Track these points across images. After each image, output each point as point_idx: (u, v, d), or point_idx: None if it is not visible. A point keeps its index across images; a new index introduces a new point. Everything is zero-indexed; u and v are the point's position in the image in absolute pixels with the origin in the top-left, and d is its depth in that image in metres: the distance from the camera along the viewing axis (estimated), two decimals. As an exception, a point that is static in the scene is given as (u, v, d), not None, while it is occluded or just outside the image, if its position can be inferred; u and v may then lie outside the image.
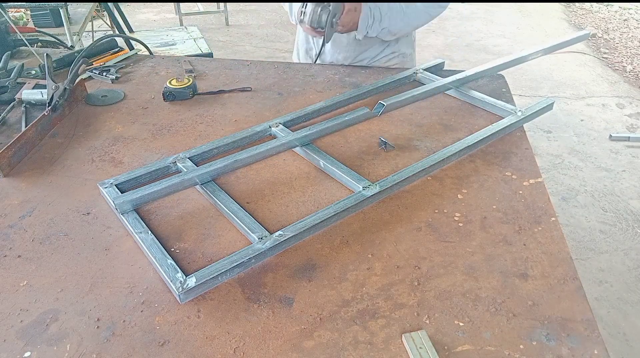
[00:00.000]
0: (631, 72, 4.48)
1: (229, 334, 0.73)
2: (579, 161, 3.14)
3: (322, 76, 1.53)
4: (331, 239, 0.90)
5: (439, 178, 1.06)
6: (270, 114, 1.32)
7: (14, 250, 0.88)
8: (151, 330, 0.73)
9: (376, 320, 0.75)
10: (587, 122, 3.61)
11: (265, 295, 0.79)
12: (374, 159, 1.13)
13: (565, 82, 4.24)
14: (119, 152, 1.17)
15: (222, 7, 5.67)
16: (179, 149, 1.16)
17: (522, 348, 0.70)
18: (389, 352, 0.70)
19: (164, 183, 0.99)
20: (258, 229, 0.88)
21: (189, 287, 0.76)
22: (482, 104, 1.34)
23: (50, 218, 0.96)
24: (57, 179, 1.07)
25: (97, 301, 0.78)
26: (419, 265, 0.85)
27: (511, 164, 1.11)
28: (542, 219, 0.94)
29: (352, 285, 0.81)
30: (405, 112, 1.33)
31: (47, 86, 1.27)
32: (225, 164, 1.05)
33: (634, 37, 5.30)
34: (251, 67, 1.61)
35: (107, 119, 1.31)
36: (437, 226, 0.93)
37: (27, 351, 0.70)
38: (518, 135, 1.22)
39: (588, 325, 0.74)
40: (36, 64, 1.59)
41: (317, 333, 0.73)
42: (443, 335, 0.73)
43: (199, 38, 3.32)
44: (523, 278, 0.82)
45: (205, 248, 0.89)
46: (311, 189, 1.04)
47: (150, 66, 1.63)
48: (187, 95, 1.39)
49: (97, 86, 1.48)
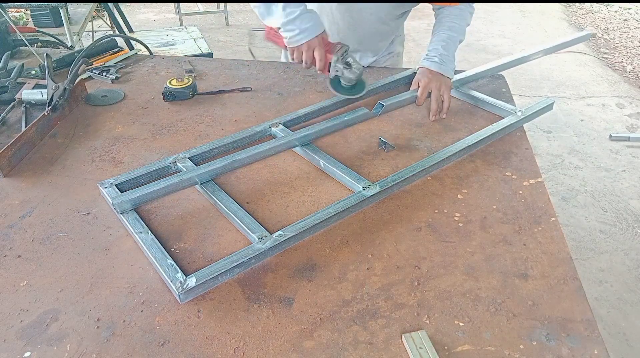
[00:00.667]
0: (631, 72, 4.48)
1: (229, 334, 0.73)
2: (579, 161, 3.14)
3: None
4: (331, 239, 0.90)
5: (439, 178, 1.06)
6: (270, 114, 1.32)
7: (14, 250, 0.88)
8: (151, 330, 0.73)
9: (376, 320, 0.75)
10: (587, 122, 3.61)
11: (265, 295, 0.79)
12: (374, 159, 1.13)
13: (565, 82, 4.24)
14: (119, 152, 1.17)
15: (222, 7, 5.67)
16: (179, 149, 1.16)
17: (522, 348, 0.70)
18: (389, 352, 0.70)
19: (162, 182, 0.99)
20: (258, 229, 0.88)
21: (189, 287, 0.76)
22: (482, 104, 1.34)
23: (50, 218, 0.96)
24: (57, 179, 1.07)
25: (97, 301, 0.78)
26: (419, 265, 0.85)
27: (511, 164, 1.11)
28: (542, 220, 0.94)
29: (352, 285, 0.81)
30: (405, 112, 1.33)
31: (47, 86, 1.27)
32: (224, 164, 1.05)
33: (634, 37, 5.30)
34: (251, 67, 1.61)
35: (107, 119, 1.31)
36: (437, 226, 0.93)
37: (27, 351, 0.70)
38: (518, 135, 1.22)
39: (588, 325, 0.74)
40: (36, 64, 1.59)
41: (317, 333, 0.73)
42: (443, 335, 0.73)
43: (199, 38, 3.32)
44: (523, 278, 0.82)
45: (205, 248, 0.88)
46: (311, 189, 1.04)
47: (150, 66, 1.63)
48: (187, 95, 1.39)
49: (97, 86, 1.48)
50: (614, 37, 5.35)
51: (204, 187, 1.01)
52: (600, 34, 5.42)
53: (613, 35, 5.40)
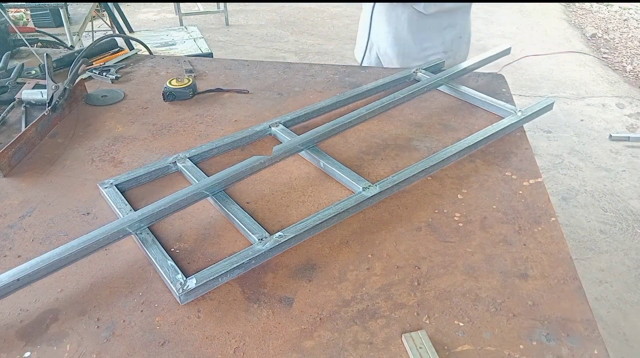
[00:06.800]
0: (631, 72, 4.48)
1: (229, 334, 0.73)
2: (579, 161, 3.14)
3: (322, 76, 1.53)
4: (331, 239, 0.90)
5: (439, 178, 1.06)
6: (270, 114, 1.32)
7: (14, 250, 0.88)
8: (151, 330, 0.73)
9: (376, 320, 0.75)
10: (587, 122, 3.61)
11: (265, 295, 0.79)
12: (374, 159, 1.13)
13: (565, 82, 4.24)
14: (119, 152, 1.17)
15: (222, 7, 5.67)
16: (179, 149, 1.16)
17: (522, 348, 0.70)
18: (389, 352, 0.70)
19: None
20: (258, 230, 0.88)
21: (189, 289, 0.76)
22: (482, 104, 1.34)
23: (50, 218, 0.96)
24: (57, 179, 1.07)
25: (97, 301, 0.78)
26: (419, 265, 0.85)
27: (511, 164, 1.11)
28: (542, 220, 0.94)
29: (352, 285, 0.81)
30: (405, 112, 1.33)
31: (47, 86, 1.27)
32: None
33: (634, 37, 5.29)
34: (251, 67, 1.61)
35: (107, 119, 1.31)
36: (437, 226, 0.93)
37: (27, 351, 0.70)
38: (518, 135, 1.22)
39: (588, 325, 0.74)
40: (36, 64, 1.59)
41: (317, 333, 0.73)
42: (443, 335, 0.73)
43: (199, 38, 3.32)
44: (523, 278, 0.82)
45: (205, 248, 0.89)
46: (311, 190, 1.04)
47: (150, 66, 1.63)
48: (187, 95, 1.39)
49: (97, 86, 1.48)
50: (614, 37, 5.34)
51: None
52: (600, 34, 5.42)
53: (613, 35, 5.40)
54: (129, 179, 1.03)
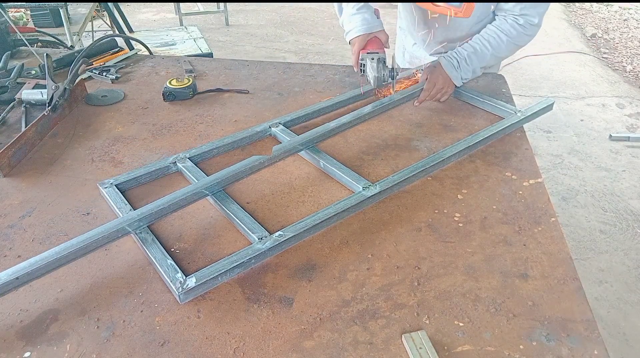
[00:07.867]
0: (631, 72, 4.47)
1: (228, 334, 0.73)
2: (579, 161, 3.14)
3: (322, 76, 1.53)
4: (331, 239, 0.90)
5: (439, 178, 1.06)
6: (270, 114, 1.32)
7: (14, 250, 0.88)
8: (151, 330, 0.73)
9: (376, 320, 0.75)
10: (587, 122, 3.61)
11: (265, 295, 0.79)
12: (374, 159, 1.13)
13: (565, 82, 4.24)
14: (119, 152, 1.17)
15: (222, 7, 5.67)
16: (179, 149, 1.16)
17: (522, 349, 0.70)
18: (388, 352, 0.70)
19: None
20: (258, 229, 0.88)
21: (188, 287, 0.76)
22: (482, 104, 1.34)
23: (50, 218, 0.96)
24: (57, 179, 1.07)
25: (97, 302, 0.78)
26: (419, 265, 0.84)
27: (511, 165, 1.11)
28: (542, 220, 0.94)
29: (352, 285, 0.81)
30: (405, 113, 1.33)
31: (47, 86, 1.27)
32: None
33: (634, 37, 5.29)
34: (251, 67, 1.61)
35: (107, 119, 1.31)
36: (437, 226, 0.93)
37: (27, 351, 0.70)
38: (518, 135, 1.22)
39: (588, 325, 0.74)
40: (36, 64, 1.59)
41: (317, 333, 0.73)
42: (443, 335, 0.73)
43: (199, 38, 3.32)
44: (523, 279, 0.82)
45: (205, 248, 0.88)
46: (311, 190, 1.03)
47: (150, 66, 1.63)
48: (187, 95, 1.39)
49: (97, 86, 1.48)
50: (614, 37, 5.34)
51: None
52: (600, 34, 5.42)
53: (613, 35, 5.40)
54: (129, 179, 1.03)
